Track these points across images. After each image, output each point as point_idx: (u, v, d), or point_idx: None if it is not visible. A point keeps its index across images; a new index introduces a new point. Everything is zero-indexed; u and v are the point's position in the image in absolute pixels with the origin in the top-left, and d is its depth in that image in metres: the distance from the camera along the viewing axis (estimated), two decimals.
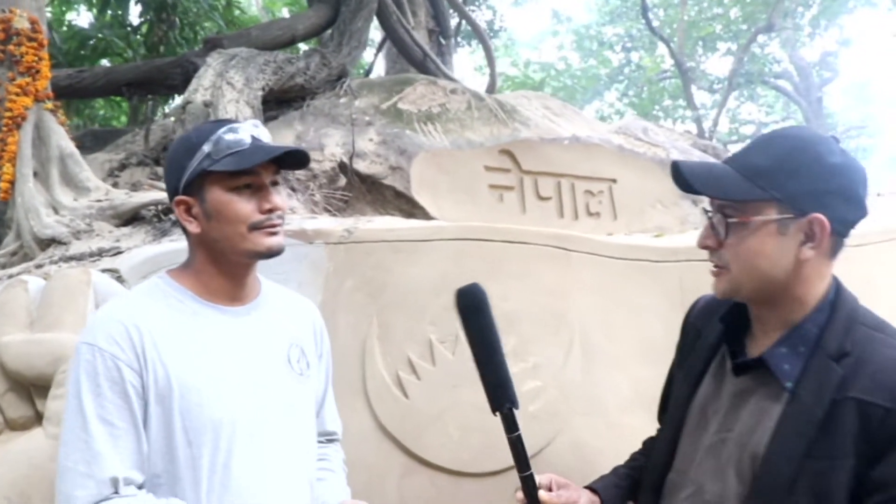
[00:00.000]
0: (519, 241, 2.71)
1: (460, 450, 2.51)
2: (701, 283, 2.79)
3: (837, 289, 1.44)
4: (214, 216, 1.56)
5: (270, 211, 1.58)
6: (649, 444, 1.89)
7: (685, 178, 1.46)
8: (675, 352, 1.77)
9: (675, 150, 5.04)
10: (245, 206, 1.56)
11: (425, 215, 4.19)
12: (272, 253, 1.60)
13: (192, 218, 1.58)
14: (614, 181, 4.77)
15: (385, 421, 2.50)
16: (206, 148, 1.54)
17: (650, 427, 2.65)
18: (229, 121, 1.62)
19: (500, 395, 1.53)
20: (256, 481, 1.55)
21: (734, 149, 21.60)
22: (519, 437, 1.54)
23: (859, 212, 1.39)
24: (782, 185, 1.37)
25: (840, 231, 1.38)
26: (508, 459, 2.50)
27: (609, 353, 2.71)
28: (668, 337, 2.74)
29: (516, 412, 1.57)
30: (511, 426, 1.53)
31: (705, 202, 1.54)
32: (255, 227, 1.56)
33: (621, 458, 2.60)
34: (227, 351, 1.58)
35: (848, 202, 1.37)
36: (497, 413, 1.55)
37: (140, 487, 1.48)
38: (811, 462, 1.31)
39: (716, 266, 1.48)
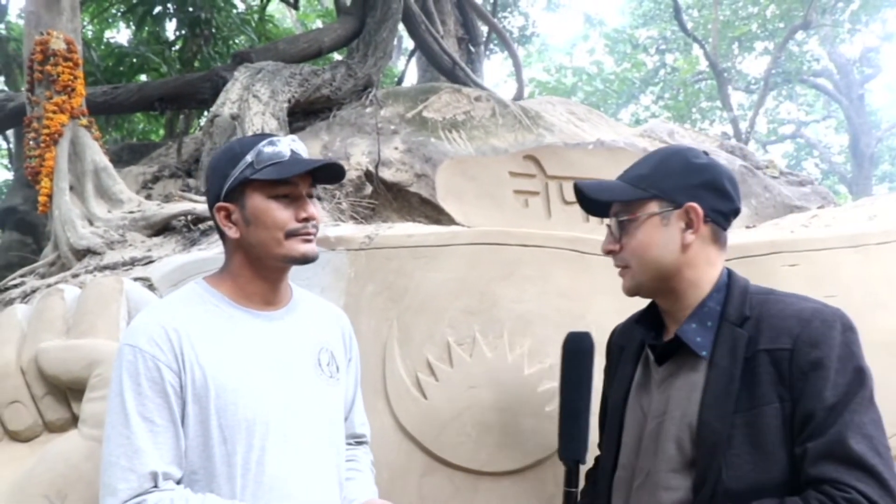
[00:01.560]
0: (534, 244, 2.75)
1: (478, 449, 2.55)
2: None
3: (730, 273, 1.67)
4: (253, 222, 1.65)
5: (306, 220, 1.68)
6: (592, 473, 1.97)
7: (582, 193, 1.76)
8: (604, 377, 1.96)
9: None
10: (283, 214, 1.65)
11: (451, 222, 4.23)
12: (306, 259, 1.69)
13: (232, 224, 1.68)
14: None
15: (405, 421, 2.55)
16: (249, 158, 1.64)
17: None
18: (271, 135, 1.72)
19: (573, 448, 1.73)
20: (288, 479, 1.62)
21: (773, 150, 21.24)
22: (573, 495, 1.69)
23: (730, 203, 1.65)
24: (659, 184, 1.64)
25: (715, 219, 1.64)
26: (525, 458, 2.57)
27: None
28: None
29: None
30: (571, 480, 1.70)
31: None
32: (291, 234, 1.66)
33: None
34: (260, 353, 1.66)
35: (716, 194, 1.63)
36: (563, 461, 1.73)
37: (178, 482, 1.56)
38: (740, 415, 1.49)
39: (620, 267, 1.75)
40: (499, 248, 2.74)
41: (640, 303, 2.87)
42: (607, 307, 2.75)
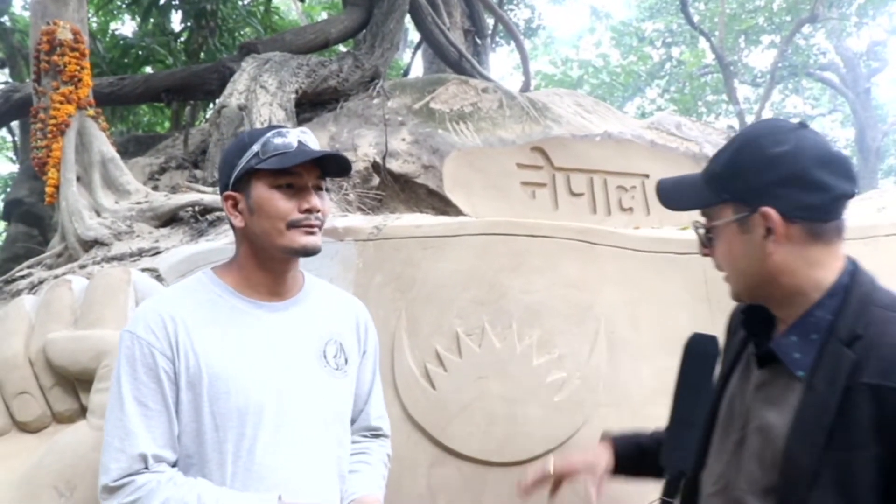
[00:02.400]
0: (543, 234, 2.74)
1: (486, 440, 2.54)
2: None
3: (853, 273, 1.40)
4: (257, 211, 1.65)
5: (309, 211, 1.66)
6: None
7: (661, 198, 1.52)
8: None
9: (708, 145, 5.01)
10: (285, 204, 1.64)
11: (458, 213, 4.24)
12: (307, 252, 1.67)
13: (238, 213, 1.68)
14: (647, 176, 4.77)
15: (413, 412, 2.55)
16: (256, 148, 1.64)
17: None
18: (281, 126, 1.72)
19: (680, 457, 1.49)
20: (279, 469, 1.62)
21: None
22: None
23: (825, 192, 1.36)
24: (731, 185, 1.40)
25: (806, 216, 1.36)
26: (533, 449, 2.57)
27: (634, 344, 2.72)
28: (693, 328, 2.75)
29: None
30: (670, 490, 1.49)
31: None
32: (293, 225, 1.65)
33: None
34: (258, 343, 1.65)
35: (800, 188, 1.35)
36: (664, 470, 1.50)
37: (174, 465, 1.58)
38: (832, 453, 1.27)
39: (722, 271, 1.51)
40: (507, 239, 2.73)
41: (645, 297, 2.87)
42: (615, 298, 2.75)
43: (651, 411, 2.67)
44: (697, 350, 1.51)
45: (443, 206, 4.35)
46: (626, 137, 4.87)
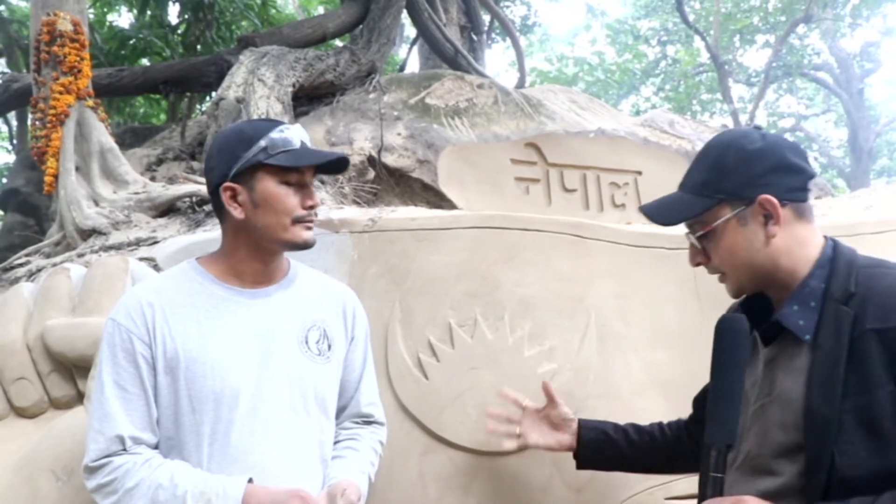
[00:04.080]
0: (535, 228, 2.78)
1: (478, 429, 2.58)
2: None
3: (834, 245, 1.57)
4: (262, 205, 1.70)
5: (311, 207, 1.74)
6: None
7: (651, 218, 1.68)
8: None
9: (700, 143, 5.03)
10: (292, 200, 1.71)
11: (452, 208, 4.27)
12: (306, 245, 1.76)
13: (238, 205, 1.72)
14: (640, 173, 4.81)
15: (406, 401, 2.59)
16: (263, 143, 1.69)
17: (663, 409, 2.71)
18: (279, 122, 1.77)
19: (726, 431, 1.52)
20: (254, 451, 1.67)
21: None
22: (720, 480, 1.51)
23: (802, 175, 1.55)
24: (723, 186, 1.56)
25: (793, 198, 1.54)
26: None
27: (624, 337, 2.76)
28: (682, 322, 2.81)
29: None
30: (718, 466, 1.51)
31: None
32: (297, 221, 1.72)
33: None
34: (236, 328, 1.71)
35: (784, 173, 1.54)
36: (710, 447, 1.53)
37: (155, 447, 1.66)
38: (850, 399, 1.39)
39: (717, 274, 1.67)
40: (500, 232, 2.77)
41: (636, 291, 2.91)
42: (606, 291, 2.79)
43: (640, 403, 2.72)
44: (729, 328, 1.58)
45: (437, 200, 4.38)
46: (619, 134, 4.91)
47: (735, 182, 1.55)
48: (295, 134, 1.73)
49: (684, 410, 2.71)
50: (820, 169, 20.86)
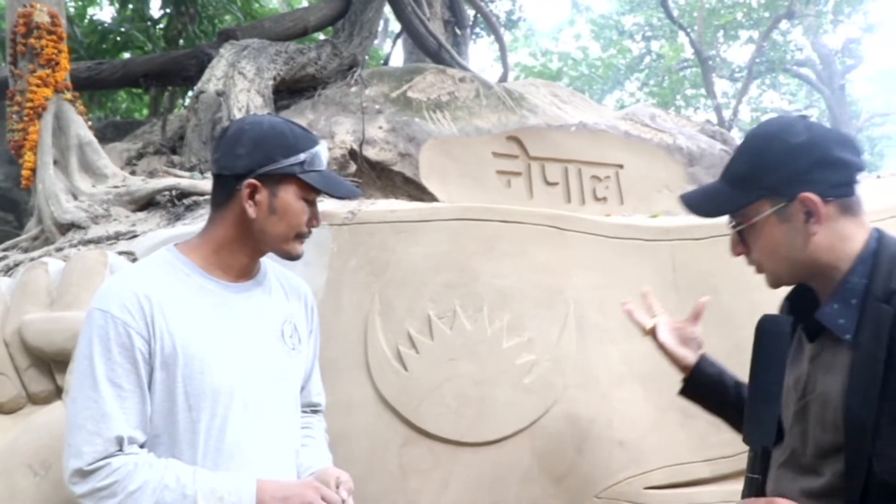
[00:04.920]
0: (514, 220, 2.79)
1: (457, 420, 2.59)
2: (692, 260, 2.87)
3: (880, 238, 1.51)
4: (279, 213, 1.71)
5: (313, 226, 1.77)
6: None
7: (689, 209, 1.63)
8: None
9: (681, 136, 5.08)
10: (304, 217, 1.74)
11: (433, 201, 4.28)
12: (297, 259, 1.79)
13: (255, 203, 1.70)
14: (621, 167, 4.84)
15: (385, 393, 2.59)
16: (303, 157, 1.70)
17: (640, 399, 2.74)
18: (315, 136, 1.79)
19: (763, 433, 1.51)
20: (248, 447, 1.67)
21: None
22: (757, 481, 1.50)
23: (849, 169, 1.49)
24: (763, 181, 1.51)
25: (837, 193, 1.48)
26: (502, 430, 2.63)
27: (602, 328, 2.78)
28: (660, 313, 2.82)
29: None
30: (755, 467, 1.50)
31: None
32: (299, 236, 1.75)
33: (613, 428, 2.70)
34: (228, 324, 1.70)
35: (828, 168, 1.48)
36: (749, 446, 1.53)
37: (142, 446, 1.60)
38: (889, 403, 1.36)
39: (755, 266, 1.62)
40: (479, 224, 2.78)
41: (614, 282, 2.93)
42: (585, 283, 2.81)
43: (619, 394, 2.74)
44: (770, 329, 1.55)
45: (419, 193, 4.39)
46: (600, 128, 4.93)
47: (776, 179, 1.50)
48: (324, 153, 1.76)
49: (663, 401, 2.73)
50: None
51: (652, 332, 2.01)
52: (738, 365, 1.88)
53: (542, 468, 2.62)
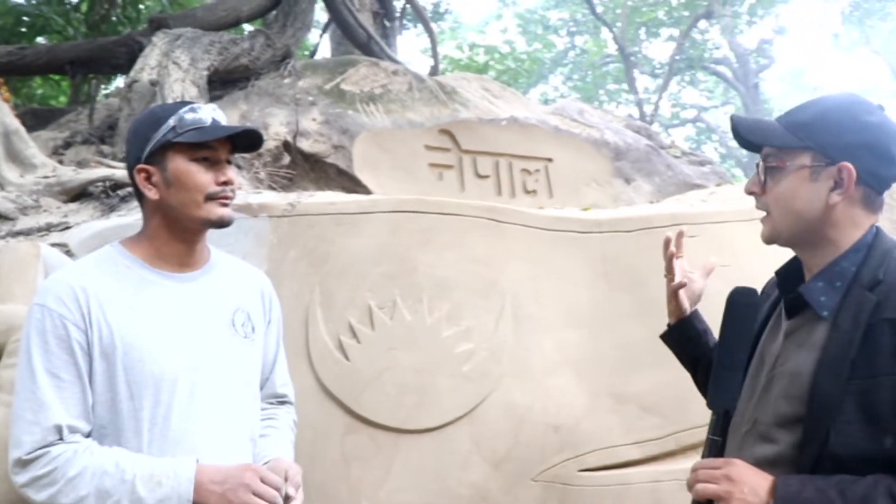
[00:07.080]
0: (452, 212, 2.87)
1: (397, 408, 2.66)
2: (622, 252, 3.00)
3: (877, 233, 1.56)
4: (174, 184, 1.70)
5: (225, 183, 1.73)
6: None
7: (736, 129, 1.65)
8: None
9: (608, 131, 5.23)
10: (203, 177, 1.71)
11: (367, 193, 4.31)
12: (223, 223, 1.75)
13: (152, 186, 1.72)
14: (550, 160, 4.95)
15: (327, 382, 2.64)
16: (172, 122, 1.69)
17: (574, 386, 2.85)
18: (192, 102, 1.77)
19: (727, 397, 1.60)
20: (194, 434, 1.68)
21: (675, 133, 21.85)
22: (717, 443, 1.59)
23: (890, 167, 1.53)
24: (816, 135, 1.53)
25: (870, 183, 1.52)
26: (442, 417, 2.71)
27: (537, 317, 2.88)
28: (591, 302, 2.95)
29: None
30: (716, 429, 1.59)
31: (638, 181, 1.72)
32: (211, 198, 1.72)
33: (548, 414, 2.80)
34: (170, 313, 1.71)
35: (878, 157, 1.51)
36: (713, 409, 1.61)
37: (87, 436, 1.61)
38: (855, 382, 1.41)
39: (761, 210, 1.65)
40: (417, 216, 2.84)
41: (548, 273, 3.04)
42: (520, 274, 2.91)
43: (553, 381, 2.85)
44: (739, 300, 1.62)
45: (352, 185, 4.42)
46: (531, 122, 5.04)
47: (829, 138, 1.52)
48: (206, 112, 1.74)
49: (595, 388, 2.85)
50: (720, 158, 21.69)
51: (671, 275, 2.02)
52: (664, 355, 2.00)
53: (480, 454, 2.71)
